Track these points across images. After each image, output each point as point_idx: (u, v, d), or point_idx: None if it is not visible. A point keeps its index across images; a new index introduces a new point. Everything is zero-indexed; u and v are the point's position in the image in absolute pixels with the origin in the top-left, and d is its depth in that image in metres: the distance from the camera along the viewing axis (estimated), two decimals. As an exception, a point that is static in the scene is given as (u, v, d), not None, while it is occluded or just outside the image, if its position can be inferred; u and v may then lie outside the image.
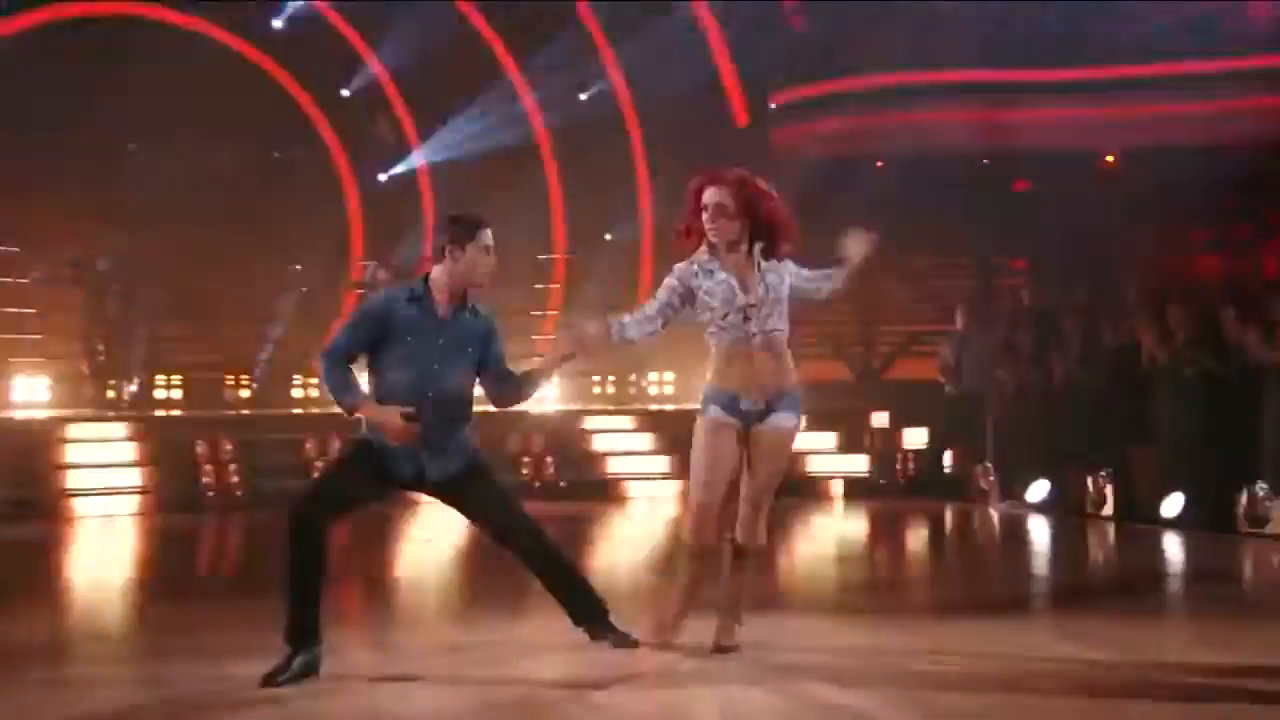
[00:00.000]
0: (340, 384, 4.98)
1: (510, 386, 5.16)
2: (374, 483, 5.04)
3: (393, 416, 4.88)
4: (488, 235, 5.08)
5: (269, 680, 4.72)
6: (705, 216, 5.07)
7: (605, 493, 12.19)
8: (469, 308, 5.12)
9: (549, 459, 12.25)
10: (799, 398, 5.21)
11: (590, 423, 13.29)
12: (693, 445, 5.16)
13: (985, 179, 14.03)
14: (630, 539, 10.41)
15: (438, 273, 5.07)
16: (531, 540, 5.21)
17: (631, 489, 12.32)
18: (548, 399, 14.17)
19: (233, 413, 14.04)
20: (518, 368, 5.26)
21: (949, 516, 10.81)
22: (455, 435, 5.06)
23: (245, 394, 14.64)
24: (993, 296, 14.68)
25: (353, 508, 5.04)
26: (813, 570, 8.67)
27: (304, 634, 4.82)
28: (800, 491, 11.85)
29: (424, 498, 5.32)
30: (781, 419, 5.12)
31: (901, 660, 5.16)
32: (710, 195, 5.06)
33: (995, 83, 14.14)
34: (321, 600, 4.87)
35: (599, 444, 12.93)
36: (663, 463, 12.58)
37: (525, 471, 12.08)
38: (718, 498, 5.09)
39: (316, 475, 5.14)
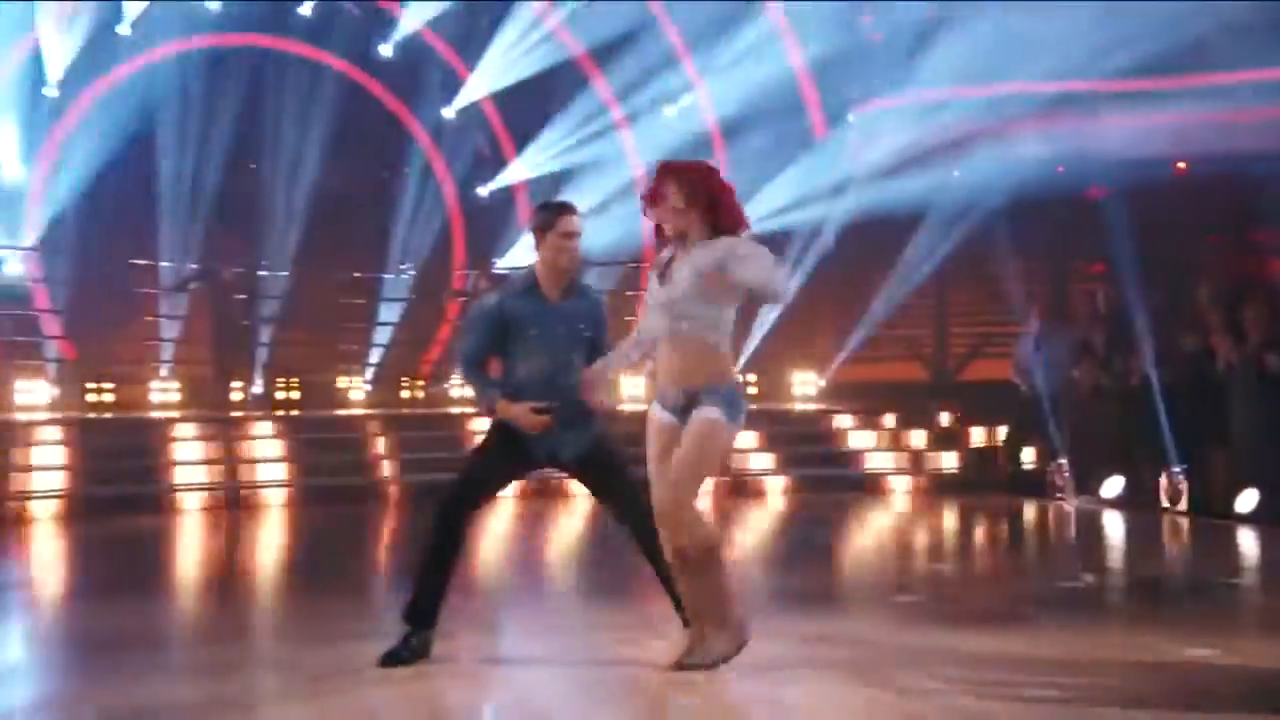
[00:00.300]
0: (476, 386, 5.03)
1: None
2: (513, 464, 5.06)
3: (525, 413, 4.90)
4: (567, 222, 4.95)
5: (386, 660, 4.76)
6: (657, 211, 4.69)
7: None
8: (578, 290, 5.09)
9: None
10: (727, 393, 4.60)
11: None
12: None
13: (1060, 186, 13.76)
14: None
15: (537, 263, 5.05)
16: (646, 523, 5.19)
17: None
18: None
19: (343, 412, 14.22)
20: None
21: (1025, 512, 10.61)
22: (584, 415, 5.03)
23: (358, 395, 14.84)
24: (1067, 299, 14.41)
25: (495, 492, 5.06)
26: (902, 567, 8.55)
27: (424, 617, 4.86)
28: (875, 489, 11.75)
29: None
30: (699, 411, 4.57)
31: (1012, 660, 4.96)
32: (658, 187, 4.68)
33: (1069, 93, 13.88)
34: (447, 588, 4.89)
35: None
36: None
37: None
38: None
39: (462, 465, 5.15)
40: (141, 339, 15.06)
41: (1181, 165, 14.05)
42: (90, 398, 13.42)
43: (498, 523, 9.63)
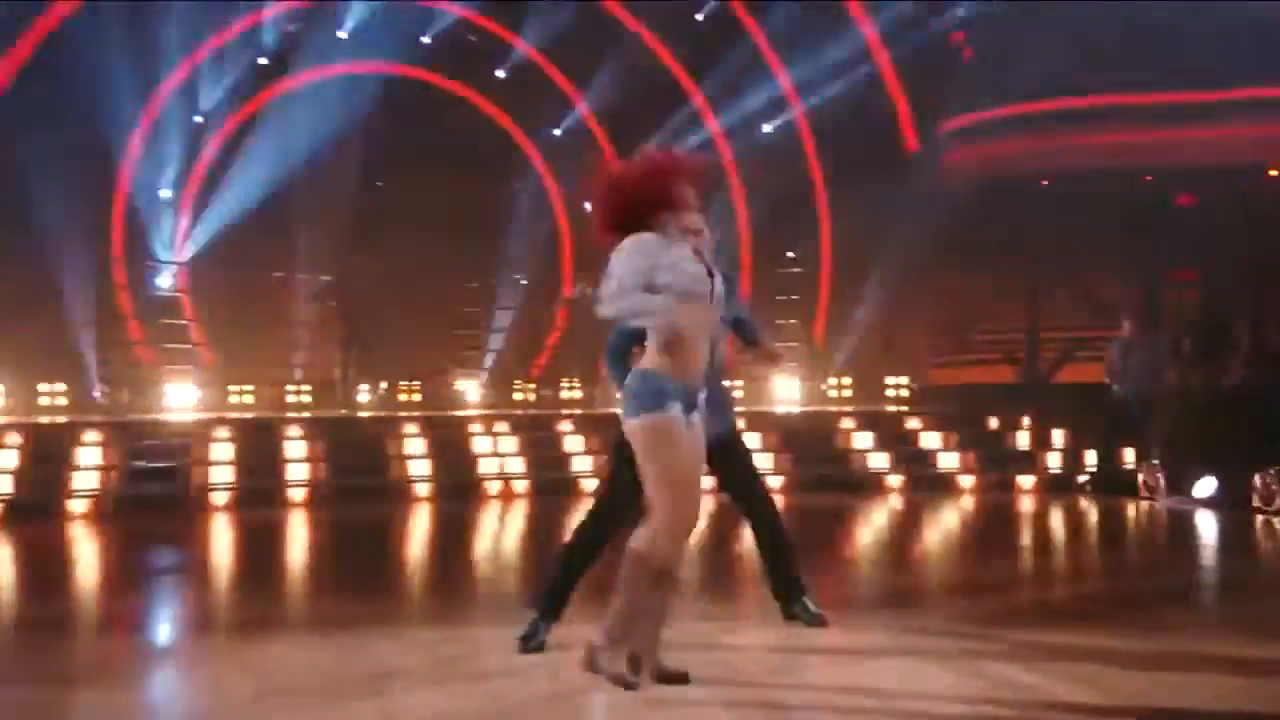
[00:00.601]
0: (618, 375, 5.07)
1: (748, 333, 5.21)
2: None
3: None
4: (690, 221, 4.97)
5: (524, 645, 4.82)
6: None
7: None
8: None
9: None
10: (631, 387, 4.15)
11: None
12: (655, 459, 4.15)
13: (1148, 194, 13.43)
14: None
15: None
16: (763, 511, 5.23)
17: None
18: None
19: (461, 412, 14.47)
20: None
21: (1118, 512, 10.34)
22: (720, 399, 5.04)
23: (474, 396, 15.08)
24: (1158, 304, 14.05)
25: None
26: (996, 564, 8.41)
27: (556, 606, 4.92)
28: (958, 489, 11.58)
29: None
30: None
31: (1103, 655, 4.84)
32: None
33: (1156, 105, 13.53)
34: (581, 581, 4.94)
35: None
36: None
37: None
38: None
39: (610, 472, 5.20)
40: (278, 345, 15.51)
41: (1274, 171, 13.62)
42: (232, 399, 13.89)
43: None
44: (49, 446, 10.74)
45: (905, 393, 14.99)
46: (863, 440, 12.49)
